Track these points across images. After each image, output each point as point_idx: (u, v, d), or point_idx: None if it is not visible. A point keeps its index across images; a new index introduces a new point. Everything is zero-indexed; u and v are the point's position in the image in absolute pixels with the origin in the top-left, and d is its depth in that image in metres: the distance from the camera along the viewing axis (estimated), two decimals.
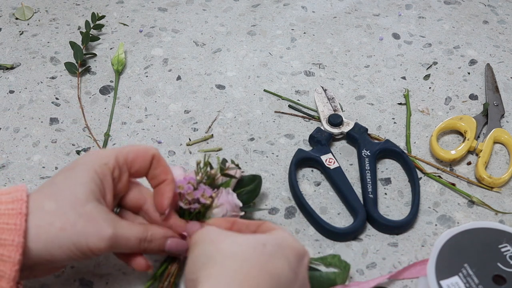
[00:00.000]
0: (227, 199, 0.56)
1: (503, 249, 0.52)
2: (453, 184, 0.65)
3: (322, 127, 0.69)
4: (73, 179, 0.48)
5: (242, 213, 0.58)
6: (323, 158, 0.65)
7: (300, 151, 0.66)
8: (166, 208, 0.52)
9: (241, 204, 0.57)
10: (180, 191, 0.54)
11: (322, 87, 0.74)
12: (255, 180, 0.61)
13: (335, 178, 0.64)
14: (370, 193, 0.62)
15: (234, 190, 0.59)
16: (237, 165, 0.59)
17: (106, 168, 0.49)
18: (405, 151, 0.68)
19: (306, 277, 0.49)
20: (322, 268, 0.57)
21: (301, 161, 0.66)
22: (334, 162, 0.65)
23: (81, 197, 0.47)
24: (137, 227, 0.50)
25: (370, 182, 0.63)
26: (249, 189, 0.60)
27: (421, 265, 0.57)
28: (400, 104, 0.74)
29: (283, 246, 0.47)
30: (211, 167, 0.57)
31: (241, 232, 0.51)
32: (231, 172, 0.58)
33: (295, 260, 0.47)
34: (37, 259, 0.46)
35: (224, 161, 0.60)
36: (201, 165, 0.56)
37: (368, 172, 0.64)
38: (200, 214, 0.55)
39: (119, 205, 0.53)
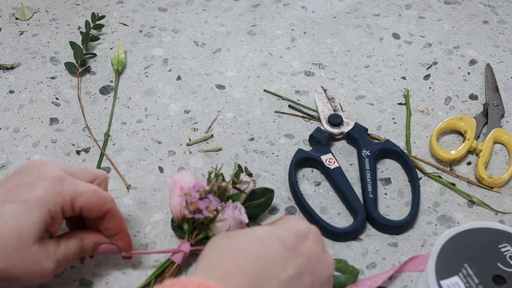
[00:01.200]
0: (233, 214, 0.55)
1: (503, 249, 0.52)
2: (453, 184, 0.65)
3: (322, 127, 0.69)
4: (24, 218, 0.47)
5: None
6: (323, 158, 0.65)
7: (300, 151, 0.66)
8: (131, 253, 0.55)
9: (247, 221, 0.55)
10: (186, 198, 0.54)
11: (322, 87, 0.74)
12: (267, 194, 0.60)
13: (335, 178, 0.64)
14: (370, 193, 0.62)
15: (244, 202, 0.58)
16: (250, 174, 0.58)
17: (59, 208, 0.49)
18: (405, 151, 0.68)
19: (316, 253, 0.48)
20: None
21: (301, 161, 0.66)
22: (334, 162, 0.65)
23: (27, 240, 0.47)
24: (72, 244, 0.51)
25: (370, 182, 0.63)
26: (259, 203, 0.59)
27: (420, 259, 0.58)
28: (400, 104, 0.74)
29: (275, 229, 0.47)
30: (223, 179, 0.55)
31: None
32: (245, 184, 0.56)
33: (292, 238, 0.47)
34: None
35: (239, 171, 0.58)
36: (213, 175, 0.55)
37: (368, 172, 0.64)
38: (203, 224, 0.55)
39: None
